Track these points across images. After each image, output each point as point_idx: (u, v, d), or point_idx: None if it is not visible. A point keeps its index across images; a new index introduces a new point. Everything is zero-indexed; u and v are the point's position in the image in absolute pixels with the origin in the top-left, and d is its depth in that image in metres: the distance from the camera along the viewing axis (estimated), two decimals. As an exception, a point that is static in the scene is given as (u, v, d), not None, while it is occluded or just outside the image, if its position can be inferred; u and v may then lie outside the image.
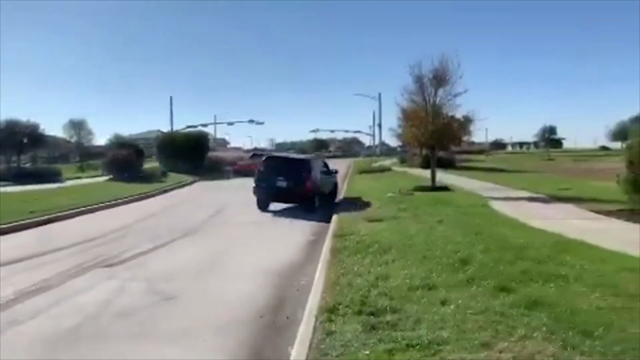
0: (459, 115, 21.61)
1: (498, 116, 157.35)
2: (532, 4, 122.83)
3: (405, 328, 4.85)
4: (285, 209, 16.68)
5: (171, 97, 57.82)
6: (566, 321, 4.86)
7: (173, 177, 32.66)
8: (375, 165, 47.50)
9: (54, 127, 76.05)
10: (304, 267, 8.35)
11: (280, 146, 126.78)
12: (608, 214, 13.20)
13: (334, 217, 13.87)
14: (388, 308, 5.41)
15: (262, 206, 16.62)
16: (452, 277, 6.63)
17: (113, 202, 18.41)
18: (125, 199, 19.53)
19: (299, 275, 7.87)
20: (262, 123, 67.49)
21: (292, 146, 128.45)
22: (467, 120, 21.80)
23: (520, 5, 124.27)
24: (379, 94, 72.92)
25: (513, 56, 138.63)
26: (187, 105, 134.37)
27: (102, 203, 17.61)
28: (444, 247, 8.59)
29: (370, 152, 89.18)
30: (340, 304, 5.56)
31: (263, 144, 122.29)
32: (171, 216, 16.14)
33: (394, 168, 45.31)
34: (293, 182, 15.90)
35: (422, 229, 10.86)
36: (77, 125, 66.09)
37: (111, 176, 28.76)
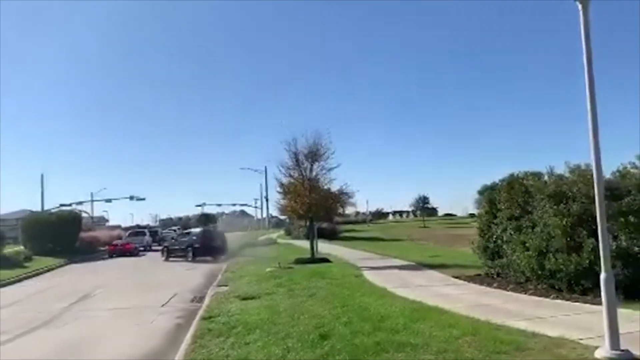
0: (334, 188, 22.57)
1: (378, 186, 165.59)
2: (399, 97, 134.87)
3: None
4: (156, 295, 15.89)
5: (42, 175, 53.56)
6: (405, 391, 5.07)
7: (39, 262, 29.96)
8: (262, 238, 47.34)
9: None
10: (165, 355, 7.92)
11: (165, 222, 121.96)
12: (467, 279, 14.23)
13: (207, 297, 13.56)
14: (237, 394, 5.29)
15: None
16: (308, 353, 6.67)
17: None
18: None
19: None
20: (143, 199, 64.86)
21: (178, 222, 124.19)
22: (342, 193, 22.79)
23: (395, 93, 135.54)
24: (265, 167, 73.76)
25: (388, 131, 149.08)
26: (62, 183, 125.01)
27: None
28: (309, 322, 8.68)
29: (259, 225, 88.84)
30: (188, 395, 5.34)
31: (146, 220, 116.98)
32: (26, 305, 14.64)
33: (280, 240, 45.53)
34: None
35: (293, 304, 10.92)
36: None
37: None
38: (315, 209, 21.34)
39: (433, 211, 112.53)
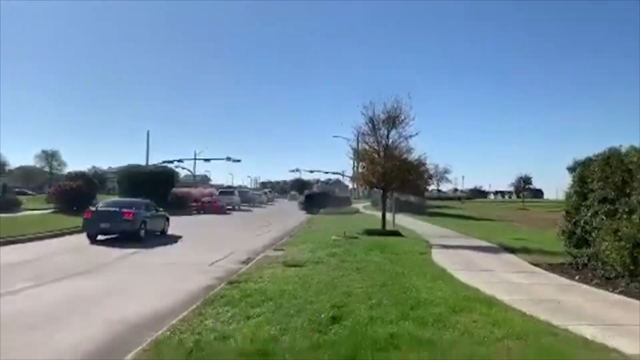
0: (412, 158, 20.91)
1: (477, 163, 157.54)
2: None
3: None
4: (212, 253, 15.57)
5: (148, 132, 56.96)
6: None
7: (128, 212, 31.37)
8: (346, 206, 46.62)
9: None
10: (166, 319, 7.13)
11: (264, 184, 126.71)
12: (547, 267, 12.31)
13: (255, 260, 12.97)
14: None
15: None
16: (307, 339, 5.58)
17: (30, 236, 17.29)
18: (50, 233, 18.36)
19: (150, 330, 6.66)
20: (238, 161, 67.36)
21: (276, 185, 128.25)
22: (420, 164, 21.09)
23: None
24: (357, 136, 72.53)
25: (492, 105, 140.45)
26: (169, 140, 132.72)
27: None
28: (332, 299, 7.57)
29: (351, 194, 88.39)
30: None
31: (245, 182, 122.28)
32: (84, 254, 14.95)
33: (365, 211, 44.50)
34: None
35: (332, 277, 9.88)
36: (50, 156, 65.03)
37: (56, 208, 27.42)
38: (388, 179, 19.84)
39: (538, 193, 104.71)
